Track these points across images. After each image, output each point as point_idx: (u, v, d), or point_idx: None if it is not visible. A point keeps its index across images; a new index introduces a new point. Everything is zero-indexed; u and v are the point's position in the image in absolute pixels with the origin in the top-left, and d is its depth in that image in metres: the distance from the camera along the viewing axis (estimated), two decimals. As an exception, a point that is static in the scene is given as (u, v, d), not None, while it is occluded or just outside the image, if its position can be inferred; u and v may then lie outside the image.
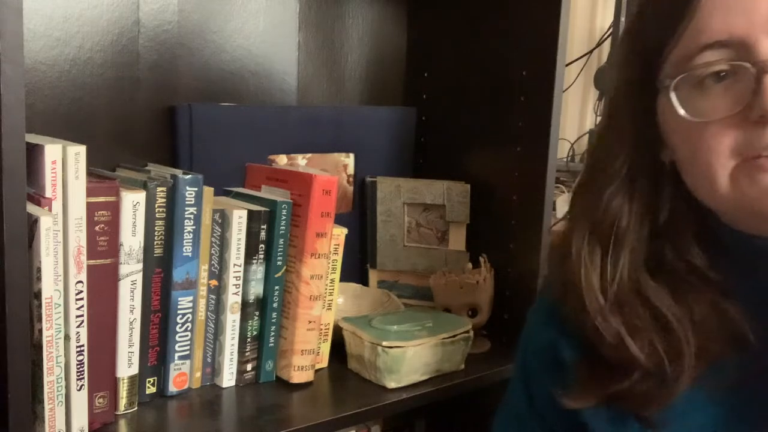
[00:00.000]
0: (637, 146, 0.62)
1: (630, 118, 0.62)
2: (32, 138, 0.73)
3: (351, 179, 1.20)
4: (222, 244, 0.90)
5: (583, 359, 0.64)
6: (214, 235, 0.89)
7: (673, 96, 0.56)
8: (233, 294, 0.90)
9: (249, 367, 0.93)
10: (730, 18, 0.53)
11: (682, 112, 0.56)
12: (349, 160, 1.19)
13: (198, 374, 0.91)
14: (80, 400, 0.77)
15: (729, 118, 0.54)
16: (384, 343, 0.92)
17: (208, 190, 0.88)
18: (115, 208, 0.78)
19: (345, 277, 1.04)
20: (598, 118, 1.89)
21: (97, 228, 0.77)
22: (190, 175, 0.85)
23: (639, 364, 0.59)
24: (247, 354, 0.92)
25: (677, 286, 0.61)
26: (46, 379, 0.72)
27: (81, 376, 0.77)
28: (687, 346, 0.59)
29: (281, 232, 0.91)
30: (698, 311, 0.60)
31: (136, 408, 0.85)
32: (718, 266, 0.61)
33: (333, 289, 0.98)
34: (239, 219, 0.89)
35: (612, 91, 0.66)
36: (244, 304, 0.91)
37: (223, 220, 0.89)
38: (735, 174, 0.55)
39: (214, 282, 0.90)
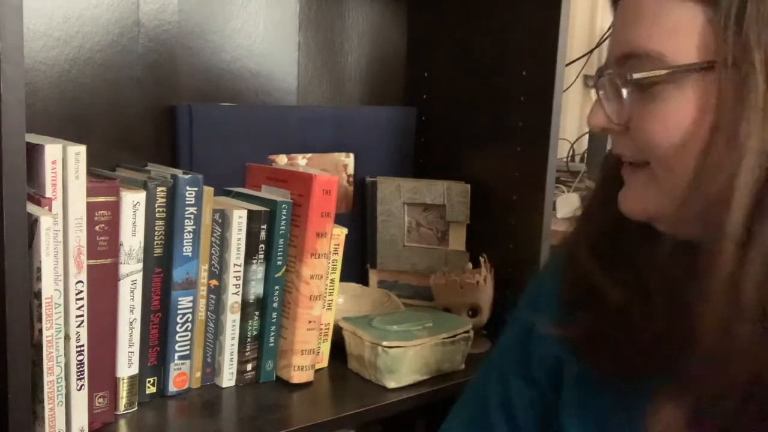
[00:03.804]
0: None
1: None
2: (32, 138, 0.73)
3: (351, 179, 1.20)
4: (222, 244, 0.90)
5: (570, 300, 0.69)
6: (214, 235, 0.89)
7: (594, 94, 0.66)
8: (233, 294, 0.90)
9: (249, 367, 0.93)
10: (613, 37, 0.61)
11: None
12: (349, 160, 1.19)
13: (198, 374, 0.91)
14: (80, 400, 0.77)
15: None
16: (384, 343, 0.92)
17: (208, 190, 0.88)
18: (115, 208, 0.78)
19: (345, 277, 1.04)
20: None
21: (97, 228, 0.77)
22: (190, 175, 0.85)
23: (610, 298, 0.63)
24: (247, 354, 0.92)
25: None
26: (46, 379, 0.72)
27: (81, 376, 0.77)
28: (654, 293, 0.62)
29: (281, 232, 0.91)
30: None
31: (136, 408, 0.85)
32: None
33: (333, 289, 0.98)
34: (239, 219, 0.89)
35: None
36: (244, 304, 0.91)
37: (223, 220, 0.89)
38: None
39: (214, 282, 0.90)
